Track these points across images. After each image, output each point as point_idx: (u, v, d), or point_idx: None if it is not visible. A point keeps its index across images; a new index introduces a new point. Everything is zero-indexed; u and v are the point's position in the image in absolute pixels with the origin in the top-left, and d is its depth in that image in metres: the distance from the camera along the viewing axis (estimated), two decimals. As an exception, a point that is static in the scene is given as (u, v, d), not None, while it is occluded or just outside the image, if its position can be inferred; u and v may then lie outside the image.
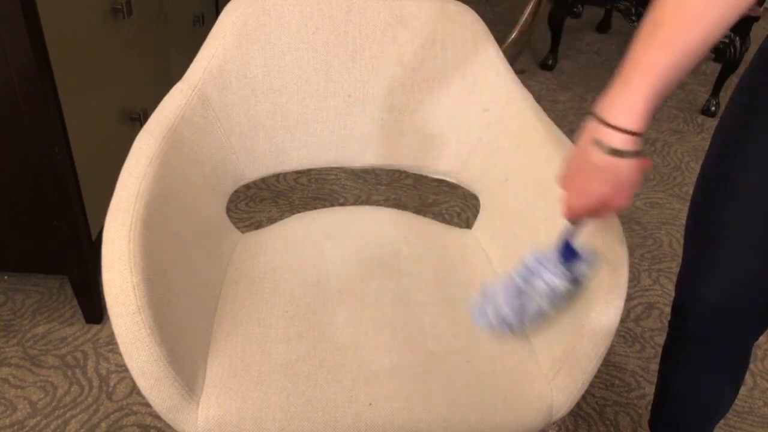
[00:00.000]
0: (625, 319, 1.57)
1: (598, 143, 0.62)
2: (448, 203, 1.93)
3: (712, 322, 0.88)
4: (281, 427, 0.77)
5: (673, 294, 1.66)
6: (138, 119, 1.48)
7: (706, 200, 0.84)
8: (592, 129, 0.63)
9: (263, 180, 1.95)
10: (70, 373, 1.31)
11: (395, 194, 1.95)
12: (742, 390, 1.41)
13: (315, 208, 1.16)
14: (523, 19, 2.56)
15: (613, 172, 0.63)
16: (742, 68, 2.87)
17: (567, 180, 0.69)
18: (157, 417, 1.24)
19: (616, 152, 0.61)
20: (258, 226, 1.75)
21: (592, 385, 1.39)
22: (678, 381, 0.98)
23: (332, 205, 1.67)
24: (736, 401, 1.38)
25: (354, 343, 0.86)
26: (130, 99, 1.47)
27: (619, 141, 0.61)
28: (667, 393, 1.02)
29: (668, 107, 2.66)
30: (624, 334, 1.53)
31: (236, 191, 1.74)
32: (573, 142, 0.77)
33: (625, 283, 0.80)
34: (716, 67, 3.03)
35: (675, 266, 1.76)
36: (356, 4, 1.06)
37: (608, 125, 0.61)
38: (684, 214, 1.99)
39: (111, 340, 1.38)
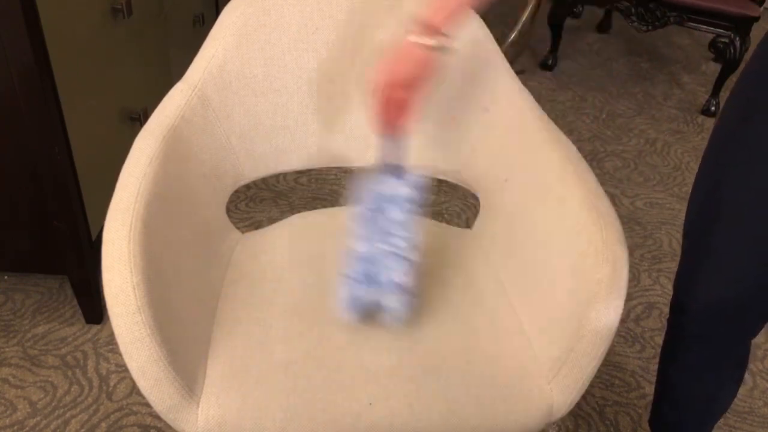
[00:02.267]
0: (625, 319, 1.57)
1: (417, 36, 0.76)
2: (448, 203, 1.93)
3: (709, 320, 0.88)
4: (281, 427, 0.77)
5: (673, 294, 1.66)
6: (138, 119, 1.48)
7: (705, 199, 0.85)
8: (413, 25, 0.76)
9: (263, 180, 1.95)
10: (70, 373, 1.31)
11: (395, 194, 1.95)
12: (742, 390, 1.41)
13: (315, 208, 1.16)
14: (523, 19, 2.56)
15: (420, 59, 0.77)
16: (742, 68, 2.87)
17: (383, 65, 0.79)
18: (157, 417, 1.24)
19: (427, 45, 0.76)
20: (258, 226, 1.75)
21: (592, 385, 1.39)
22: (677, 379, 0.99)
23: (332, 205, 1.67)
24: (736, 401, 1.38)
25: (354, 343, 0.86)
26: (130, 99, 1.47)
27: (431, 37, 0.75)
28: (666, 391, 1.03)
29: (668, 107, 2.66)
30: (624, 334, 1.53)
31: (236, 191, 1.74)
32: (573, 142, 0.79)
33: (625, 283, 0.80)
34: (716, 68, 3.03)
35: (675, 266, 1.76)
36: (356, 4, 1.06)
37: (425, 23, 0.75)
38: (684, 215, 1.99)
39: (111, 340, 1.38)
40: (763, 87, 0.76)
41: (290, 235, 1.06)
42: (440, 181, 1.99)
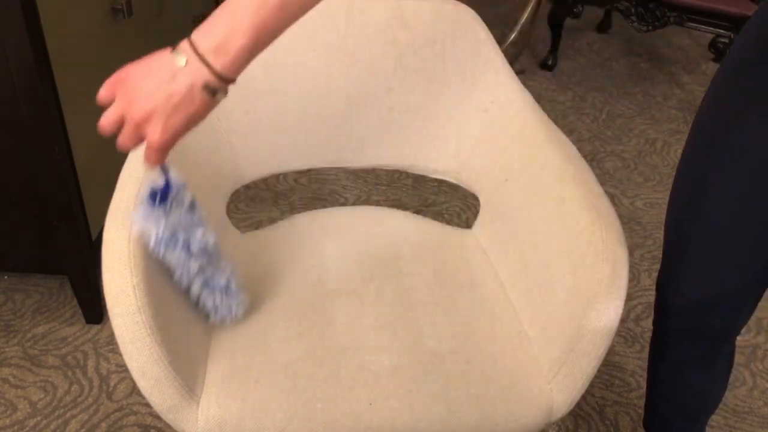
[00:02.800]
0: (625, 319, 1.57)
1: (188, 65, 0.59)
2: (448, 203, 1.93)
3: (693, 317, 0.88)
4: (281, 427, 0.77)
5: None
6: (138, 119, 1.48)
7: (686, 196, 0.84)
8: (185, 49, 0.59)
9: (263, 180, 1.95)
10: (70, 373, 1.31)
11: (395, 194, 1.95)
12: (742, 390, 1.41)
13: (315, 208, 1.17)
14: (523, 19, 2.56)
15: (185, 97, 0.60)
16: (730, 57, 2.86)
17: (125, 76, 0.64)
18: (158, 417, 1.24)
19: (206, 87, 0.59)
20: (258, 226, 1.75)
21: (592, 385, 1.39)
22: (664, 377, 0.99)
23: (332, 205, 1.67)
24: (736, 401, 1.38)
25: (354, 343, 0.86)
26: (130, 99, 1.47)
27: (211, 79, 0.59)
28: (655, 390, 1.03)
29: (668, 107, 2.66)
30: (624, 334, 1.53)
31: (236, 191, 1.74)
32: (573, 142, 0.78)
33: (625, 283, 0.80)
34: (716, 68, 3.02)
35: (675, 266, 1.76)
36: (356, 4, 1.06)
37: (203, 60, 0.59)
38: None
39: (111, 340, 1.38)
40: (762, 77, 0.75)
41: (290, 235, 1.06)
42: (440, 181, 2.00)
